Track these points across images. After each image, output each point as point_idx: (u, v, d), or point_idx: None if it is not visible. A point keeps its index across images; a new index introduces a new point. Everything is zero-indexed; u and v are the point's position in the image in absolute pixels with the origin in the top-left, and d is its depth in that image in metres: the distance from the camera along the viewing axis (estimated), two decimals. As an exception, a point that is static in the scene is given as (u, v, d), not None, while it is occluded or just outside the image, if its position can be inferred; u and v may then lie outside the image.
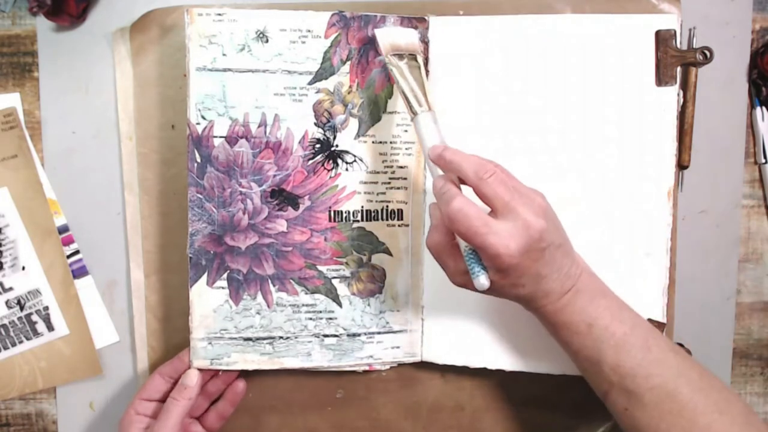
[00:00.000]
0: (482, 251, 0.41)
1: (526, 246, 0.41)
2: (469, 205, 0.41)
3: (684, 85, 0.55)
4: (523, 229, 0.41)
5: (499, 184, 0.42)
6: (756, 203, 0.59)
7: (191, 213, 0.51)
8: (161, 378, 0.52)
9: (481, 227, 0.40)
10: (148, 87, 0.55)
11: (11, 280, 0.56)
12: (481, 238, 0.40)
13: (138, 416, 0.51)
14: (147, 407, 0.52)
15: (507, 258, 0.40)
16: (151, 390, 0.52)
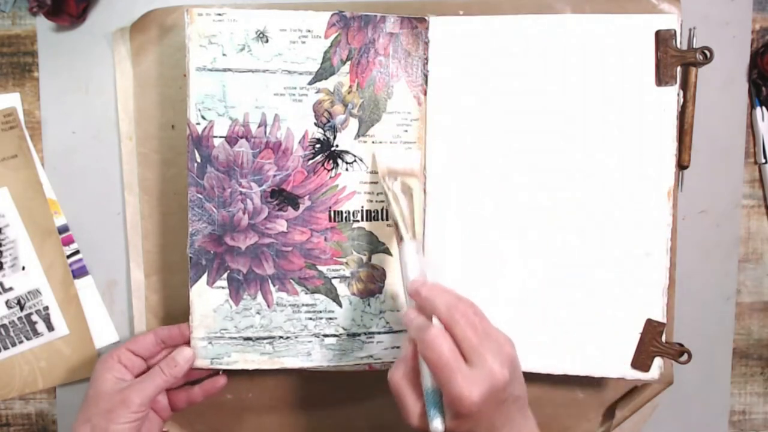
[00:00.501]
0: (446, 390, 0.41)
1: (488, 394, 0.40)
2: (445, 337, 0.41)
3: (684, 85, 0.55)
4: (488, 377, 0.40)
5: (469, 327, 0.42)
6: (756, 203, 0.59)
7: (191, 213, 0.51)
8: (154, 339, 0.52)
9: (452, 362, 0.40)
10: (148, 87, 0.55)
11: (11, 280, 0.56)
12: (450, 374, 0.40)
13: (118, 365, 0.50)
14: (130, 360, 0.51)
15: (467, 403, 0.40)
16: (140, 345, 0.51)
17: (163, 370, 0.50)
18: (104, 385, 0.49)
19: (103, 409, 0.48)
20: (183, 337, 0.52)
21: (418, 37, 0.53)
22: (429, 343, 0.41)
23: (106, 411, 0.48)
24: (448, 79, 0.53)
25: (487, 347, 0.41)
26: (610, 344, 0.53)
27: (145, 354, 0.52)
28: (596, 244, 0.53)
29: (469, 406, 0.40)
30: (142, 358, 0.52)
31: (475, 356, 0.41)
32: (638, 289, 0.53)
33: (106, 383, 0.49)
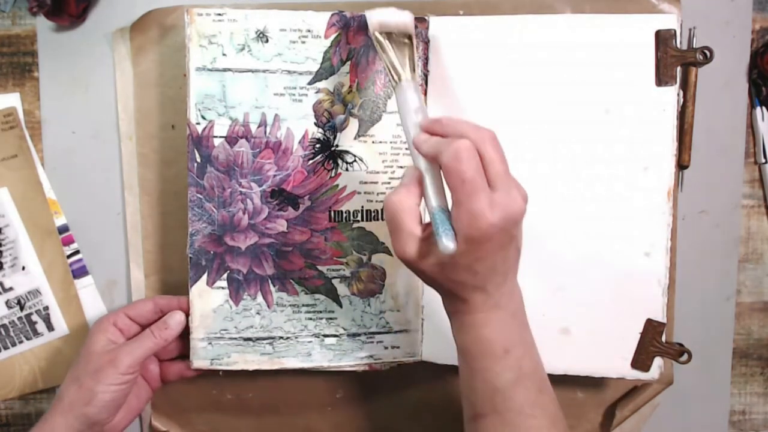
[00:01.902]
0: (465, 206, 0.38)
1: (504, 222, 0.38)
2: (474, 152, 0.39)
3: (684, 85, 0.55)
4: (510, 204, 0.38)
5: (497, 153, 0.40)
6: (756, 203, 0.59)
7: (191, 213, 0.51)
8: (153, 306, 0.52)
9: (479, 178, 0.38)
10: (148, 87, 0.55)
11: (11, 280, 0.56)
12: (474, 189, 0.38)
13: (113, 327, 0.50)
14: (126, 324, 0.50)
15: (485, 223, 0.38)
16: (138, 311, 0.51)
17: (153, 333, 0.50)
18: (95, 346, 0.49)
19: (91, 368, 0.47)
20: (180, 307, 0.52)
21: (418, 37, 0.53)
22: (455, 154, 0.38)
23: (94, 371, 0.47)
24: (448, 79, 0.53)
25: (511, 178, 0.40)
26: (610, 344, 0.53)
27: (142, 320, 0.51)
28: (596, 243, 0.53)
29: (487, 227, 0.38)
30: (138, 324, 0.51)
31: (500, 182, 0.39)
32: (638, 289, 0.53)
33: (98, 344, 0.49)
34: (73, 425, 0.46)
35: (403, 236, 0.41)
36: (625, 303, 0.53)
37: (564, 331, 0.53)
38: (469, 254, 0.39)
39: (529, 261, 0.53)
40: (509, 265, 0.42)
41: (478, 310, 0.42)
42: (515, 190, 0.39)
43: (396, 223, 0.41)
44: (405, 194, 0.41)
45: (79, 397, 0.47)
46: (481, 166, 0.39)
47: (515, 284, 0.43)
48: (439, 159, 0.39)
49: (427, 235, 0.41)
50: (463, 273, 0.40)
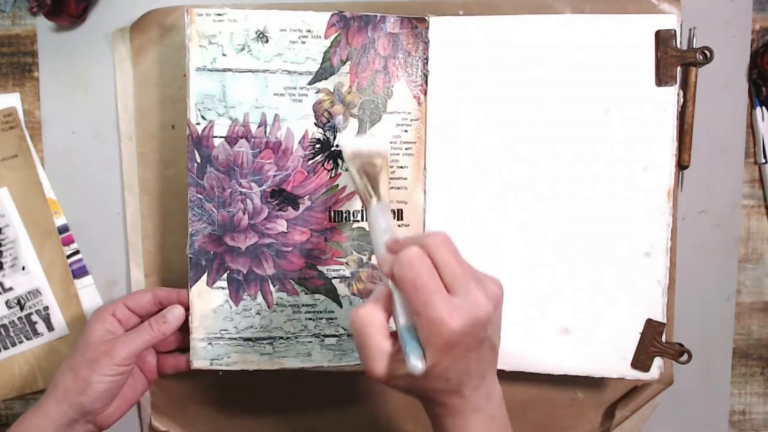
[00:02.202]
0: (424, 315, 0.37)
1: (470, 326, 0.37)
2: (424, 258, 0.38)
3: (684, 85, 0.55)
4: (472, 306, 0.37)
5: (452, 255, 0.38)
6: (756, 203, 0.59)
7: (191, 213, 0.51)
8: (153, 298, 0.52)
9: (432, 284, 0.37)
10: (148, 87, 0.55)
11: (11, 280, 0.56)
12: (429, 297, 0.36)
13: (111, 317, 0.50)
14: (124, 315, 0.51)
15: (447, 331, 0.36)
16: (137, 302, 0.51)
17: (151, 325, 0.50)
18: (93, 335, 0.49)
19: (87, 358, 0.47)
20: (180, 301, 0.52)
21: (418, 37, 0.53)
22: (406, 262, 0.37)
23: (90, 360, 0.47)
24: (448, 79, 0.53)
25: (471, 277, 0.38)
26: (610, 344, 0.53)
27: (141, 311, 0.51)
28: (596, 244, 0.53)
29: (449, 333, 0.36)
30: (137, 315, 0.51)
31: (457, 284, 0.37)
32: (638, 289, 0.53)
33: (96, 333, 0.49)
34: (67, 413, 0.47)
35: (371, 352, 0.39)
36: (625, 303, 0.53)
37: (564, 331, 0.53)
38: (439, 364, 0.37)
39: (529, 261, 0.54)
40: (484, 366, 0.40)
41: (456, 415, 0.40)
42: (477, 290, 0.38)
43: (363, 339, 0.39)
44: (372, 309, 0.40)
45: (74, 386, 0.47)
46: (435, 271, 0.37)
47: (494, 385, 0.42)
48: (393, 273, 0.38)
49: (396, 350, 0.39)
50: (436, 381, 0.38)
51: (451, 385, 0.39)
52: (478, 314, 0.37)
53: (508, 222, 0.53)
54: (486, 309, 0.37)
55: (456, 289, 0.37)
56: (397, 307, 0.39)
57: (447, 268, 0.38)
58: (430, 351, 0.37)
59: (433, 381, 0.38)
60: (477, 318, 0.37)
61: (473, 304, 0.37)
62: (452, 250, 0.38)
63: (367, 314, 0.39)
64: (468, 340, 0.37)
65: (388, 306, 0.40)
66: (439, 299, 0.36)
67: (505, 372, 0.54)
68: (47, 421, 0.46)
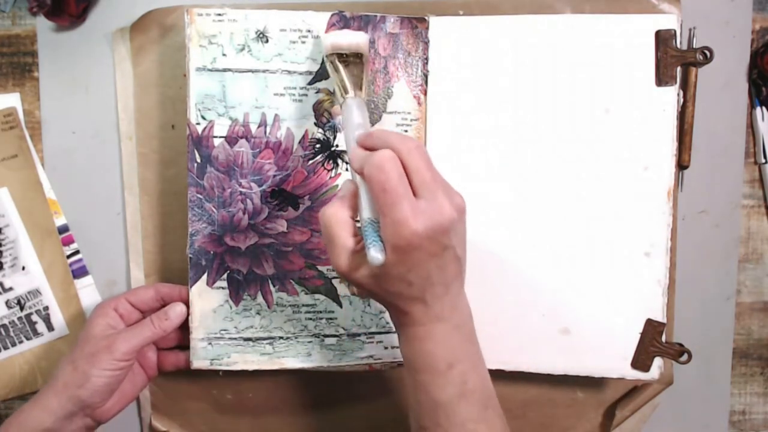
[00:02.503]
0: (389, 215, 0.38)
1: (432, 230, 0.38)
2: (395, 161, 0.38)
3: (684, 85, 0.55)
4: (436, 212, 0.38)
5: (423, 161, 0.39)
6: (756, 203, 0.59)
7: (191, 213, 0.51)
8: (155, 294, 0.52)
9: (400, 186, 0.38)
10: (148, 87, 0.55)
11: (11, 280, 0.56)
12: (396, 198, 0.37)
13: (113, 312, 0.50)
14: (126, 310, 0.51)
15: (409, 232, 0.37)
16: (140, 298, 0.51)
17: (153, 322, 0.50)
18: (94, 329, 0.49)
19: (87, 352, 0.48)
20: (181, 298, 0.52)
21: (418, 37, 0.53)
22: (377, 163, 0.38)
23: (90, 354, 0.47)
24: (448, 79, 0.53)
25: (439, 185, 0.39)
26: (610, 344, 0.53)
27: (143, 307, 0.52)
28: (596, 244, 0.53)
29: (411, 235, 0.37)
30: (139, 310, 0.52)
31: (425, 190, 0.38)
32: (638, 289, 0.53)
33: (97, 327, 0.49)
34: (65, 406, 0.47)
35: (336, 249, 0.40)
36: (625, 303, 0.53)
37: (564, 331, 0.53)
38: (400, 264, 0.38)
39: (529, 261, 0.54)
40: (449, 275, 0.40)
41: (419, 323, 0.41)
42: (443, 197, 0.39)
43: (330, 236, 0.41)
44: (339, 207, 0.41)
45: (73, 379, 0.47)
46: (405, 175, 0.39)
47: (460, 296, 0.42)
48: (363, 171, 0.39)
49: (361, 247, 0.40)
50: (398, 283, 0.39)
51: (414, 291, 0.40)
52: (442, 220, 0.38)
53: (509, 221, 0.53)
54: (450, 216, 0.38)
55: (423, 194, 0.38)
56: (362, 201, 0.41)
57: (417, 174, 0.39)
58: (391, 249, 0.38)
59: (395, 282, 0.39)
60: (440, 224, 0.38)
61: (437, 210, 0.38)
62: (424, 157, 0.39)
63: (334, 212, 0.41)
64: (430, 244, 0.38)
65: (354, 203, 0.41)
66: (405, 202, 0.37)
67: (505, 372, 0.54)
68: (46, 414, 0.46)
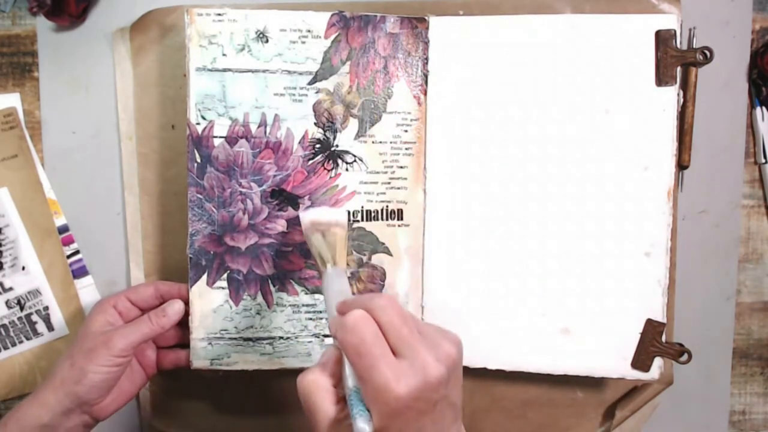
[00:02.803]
0: (368, 381, 0.35)
1: (418, 390, 0.34)
2: (368, 320, 0.36)
3: (684, 85, 0.55)
4: (420, 370, 0.35)
5: (398, 317, 0.36)
6: (756, 203, 0.59)
7: (191, 213, 0.51)
8: (155, 291, 0.52)
9: (376, 347, 0.35)
10: (148, 87, 0.55)
11: (11, 280, 0.56)
12: (372, 361, 0.35)
13: (112, 310, 0.50)
14: (126, 308, 0.51)
15: (392, 397, 0.34)
16: (139, 295, 0.51)
17: (150, 318, 0.49)
18: (93, 326, 0.49)
19: (85, 348, 0.47)
20: (181, 296, 0.52)
21: (418, 37, 0.53)
22: (349, 325, 0.36)
23: (87, 350, 0.47)
24: (448, 79, 0.53)
25: (419, 340, 0.36)
26: (610, 344, 0.53)
27: (142, 305, 0.51)
28: (596, 244, 0.53)
29: (395, 400, 0.34)
30: (138, 308, 0.51)
31: (405, 348, 0.36)
32: (638, 289, 0.53)
33: (95, 324, 0.49)
34: (63, 402, 0.46)
35: (317, 418, 0.37)
36: (625, 303, 0.53)
37: (564, 331, 0.53)
38: (388, 429, 0.35)
39: (529, 261, 0.54)
40: (444, 424, 0.37)
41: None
42: (426, 352, 0.36)
43: (309, 405, 0.37)
44: (319, 374, 0.38)
45: (70, 375, 0.47)
46: (380, 334, 0.36)
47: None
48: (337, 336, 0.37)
49: (345, 416, 0.37)
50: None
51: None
52: (427, 378, 0.35)
53: (509, 221, 0.53)
54: (436, 372, 0.35)
55: (403, 353, 0.36)
56: (345, 369, 0.38)
57: (393, 331, 0.36)
58: (376, 416, 0.35)
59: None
60: (426, 382, 0.35)
61: (421, 369, 0.35)
62: (398, 312, 0.37)
63: (313, 380, 0.38)
64: (419, 404, 0.35)
65: (336, 370, 0.39)
66: (383, 364, 0.35)
67: (505, 372, 0.54)
68: (44, 410, 0.46)
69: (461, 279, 0.54)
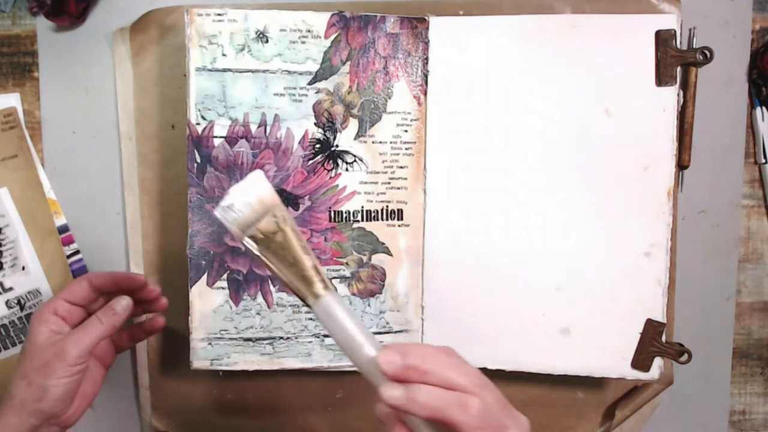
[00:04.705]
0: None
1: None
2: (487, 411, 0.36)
3: (684, 85, 0.55)
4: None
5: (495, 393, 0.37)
6: (756, 203, 0.59)
7: (191, 213, 0.51)
8: (89, 285, 0.48)
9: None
10: (148, 87, 0.55)
11: (11, 280, 0.56)
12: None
13: (54, 317, 0.46)
14: (66, 311, 0.47)
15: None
16: (75, 295, 0.47)
17: (101, 319, 0.46)
18: (38, 338, 0.45)
19: (37, 364, 0.45)
20: (115, 284, 0.48)
21: (418, 37, 0.53)
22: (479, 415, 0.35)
23: (41, 366, 0.44)
24: (448, 79, 0.53)
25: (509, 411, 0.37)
26: (610, 344, 0.53)
27: (82, 302, 0.48)
28: (596, 243, 0.53)
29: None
30: (79, 306, 0.48)
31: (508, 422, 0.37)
32: (638, 289, 0.53)
33: (41, 336, 0.45)
34: (28, 422, 0.44)
35: None
36: (625, 303, 0.53)
37: (564, 331, 0.53)
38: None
39: (529, 260, 0.54)
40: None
41: None
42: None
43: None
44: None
45: (30, 394, 0.44)
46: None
47: None
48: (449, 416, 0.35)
49: None
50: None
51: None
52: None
53: (509, 221, 0.53)
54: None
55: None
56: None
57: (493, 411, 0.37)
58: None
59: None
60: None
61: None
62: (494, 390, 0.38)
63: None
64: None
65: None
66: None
67: (505, 372, 0.54)
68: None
69: (461, 279, 0.54)
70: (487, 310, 0.54)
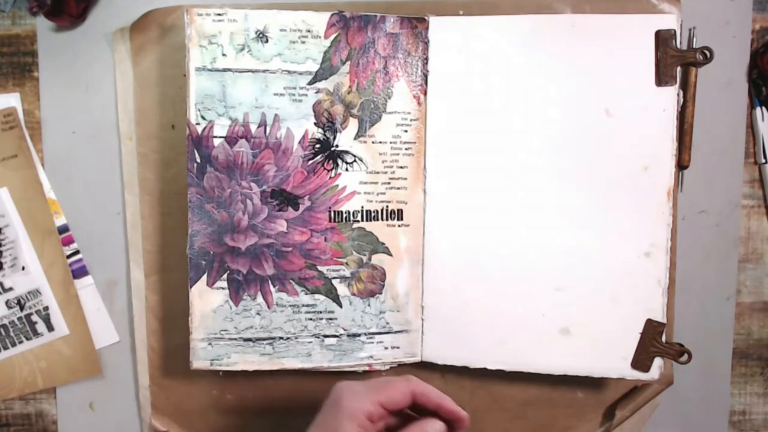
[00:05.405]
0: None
1: None
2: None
3: (684, 85, 0.55)
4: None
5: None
6: (756, 203, 0.59)
7: (191, 213, 0.51)
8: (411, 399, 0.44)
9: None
10: (148, 87, 0.55)
11: (11, 280, 0.56)
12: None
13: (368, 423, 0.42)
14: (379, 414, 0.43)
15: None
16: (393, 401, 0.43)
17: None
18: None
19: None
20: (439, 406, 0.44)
21: (418, 37, 0.53)
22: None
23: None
24: (448, 80, 0.53)
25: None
26: (610, 344, 0.53)
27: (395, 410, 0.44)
28: (596, 243, 0.53)
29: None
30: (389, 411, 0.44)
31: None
32: (638, 289, 0.53)
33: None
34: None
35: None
36: (625, 303, 0.53)
37: (564, 331, 0.53)
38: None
39: (529, 260, 0.54)
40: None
41: None
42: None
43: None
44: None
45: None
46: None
47: None
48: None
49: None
50: None
51: None
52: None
53: (508, 221, 0.53)
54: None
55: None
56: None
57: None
58: None
59: None
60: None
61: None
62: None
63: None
64: None
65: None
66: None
67: (505, 372, 0.54)
68: None
69: (461, 279, 0.54)
70: (487, 310, 0.54)
